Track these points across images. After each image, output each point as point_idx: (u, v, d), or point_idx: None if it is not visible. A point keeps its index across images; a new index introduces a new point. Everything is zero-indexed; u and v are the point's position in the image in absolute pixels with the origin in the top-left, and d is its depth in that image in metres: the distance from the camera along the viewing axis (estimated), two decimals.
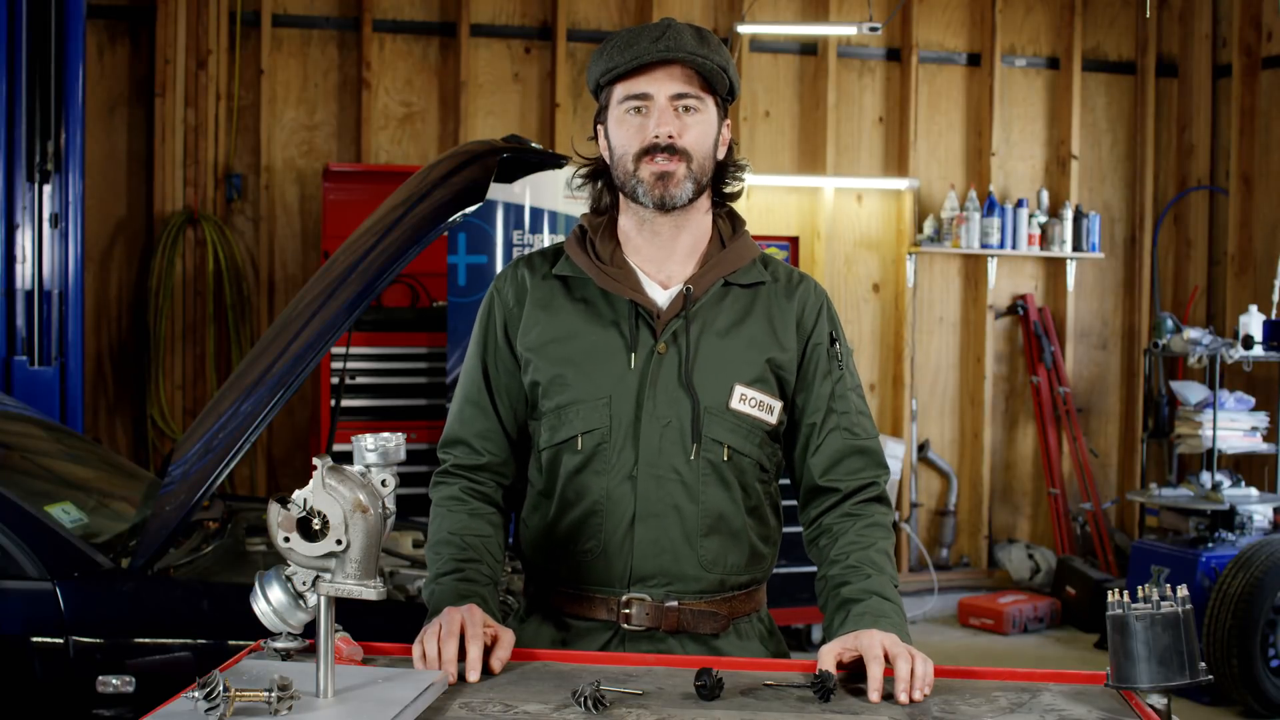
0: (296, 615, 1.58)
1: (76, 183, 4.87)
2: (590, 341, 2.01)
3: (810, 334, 2.07)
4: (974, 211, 6.96)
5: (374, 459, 1.59)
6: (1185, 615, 1.57)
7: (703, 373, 1.99)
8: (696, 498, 1.97)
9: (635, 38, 1.96)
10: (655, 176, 1.96)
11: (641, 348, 1.99)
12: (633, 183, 1.99)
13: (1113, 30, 7.45)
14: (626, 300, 2.01)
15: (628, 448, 1.97)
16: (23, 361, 4.77)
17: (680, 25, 1.98)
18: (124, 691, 2.64)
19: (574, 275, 2.06)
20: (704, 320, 2.02)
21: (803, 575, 6.17)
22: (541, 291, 2.06)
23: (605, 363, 1.99)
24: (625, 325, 2.00)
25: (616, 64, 1.96)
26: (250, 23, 6.25)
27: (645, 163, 1.97)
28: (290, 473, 6.31)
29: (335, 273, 3.05)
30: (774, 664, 1.79)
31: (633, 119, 1.98)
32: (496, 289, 2.11)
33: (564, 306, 2.04)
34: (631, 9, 6.77)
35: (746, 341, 2.02)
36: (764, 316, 2.05)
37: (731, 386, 1.99)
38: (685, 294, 2.02)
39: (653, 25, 1.98)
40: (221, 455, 2.84)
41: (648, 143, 1.96)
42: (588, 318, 2.02)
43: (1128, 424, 7.47)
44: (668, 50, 1.93)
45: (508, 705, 1.60)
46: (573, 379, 1.99)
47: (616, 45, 1.98)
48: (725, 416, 1.99)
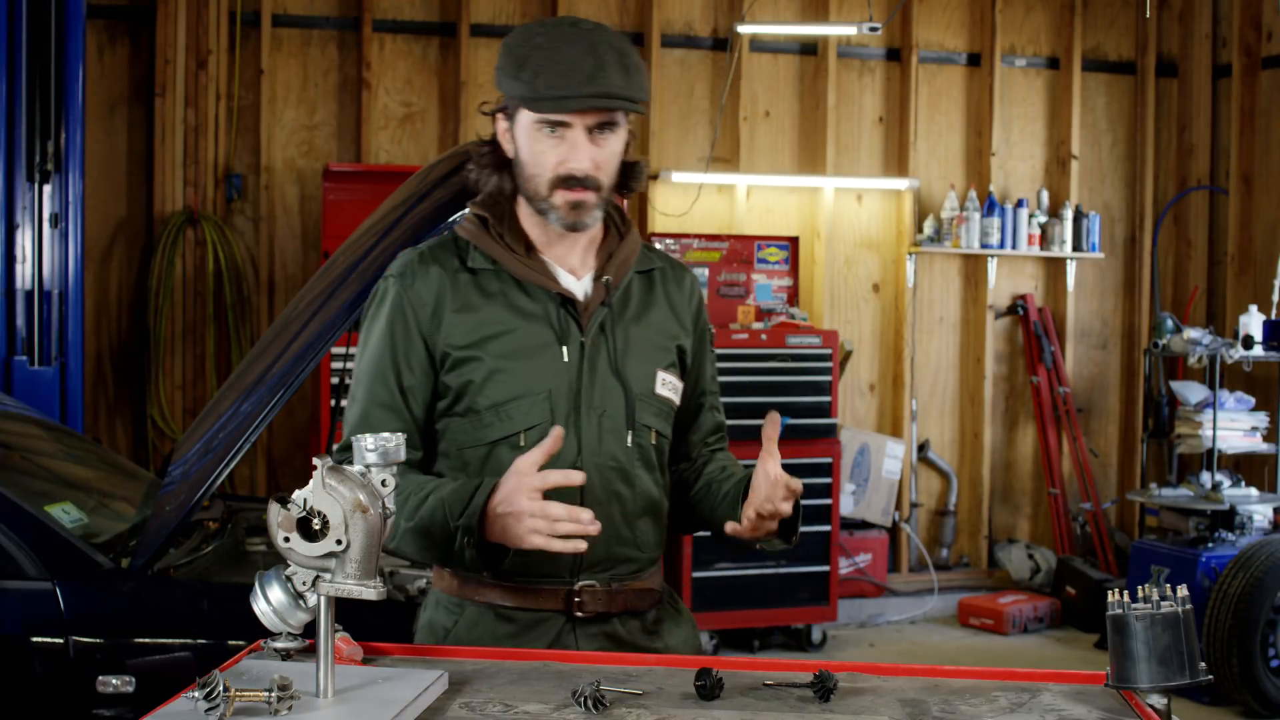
0: (296, 615, 1.58)
1: (76, 183, 4.87)
2: (521, 336, 2.01)
3: (697, 321, 2.18)
4: (974, 211, 6.96)
5: (374, 459, 1.59)
6: (1185, 615, 1.57)
7: (629, 360, 2.05)
8: (632, 483, 2.04)
9: (561, 74, 1.89)
10: (569, 205, 1.97)
11: (571, 339, 2.02)
12: (543, 204, 1.99)
13: (1113, 30, 7.45)
14: (546, 292, 2.02)
15: (570, 439, 1.99)
16: (23, 361, 4.77)
17: (607, 56, 1.91)
18: (124, 691, 2.64)
19: (487, 268, 2.04)
20: (621, 309, 2.07)
21: (803, 575, 6.21)
22: (459, 287, 2.02)
23: (538, 356, 2.00)
24: (552, 317, 2.02)
25: (541, 98, 1.91)
26: (250, 23, 6.25)
27: (560, 191, 1.96)
28: (290, 473, 6.31)
29: (335, 273, 3.05)
30: (774, 664, 1.79)
31: (547, 140, 1.95)
32: (403, 286, 2.02)
33: (485, 302, 2.02)
34: (631, 9, 6.77)
35: (657, 328, 2.11)
36: (665, 302, 2.14)
37: (654, 372, 2.07)
38: (606, 285, 2.05)
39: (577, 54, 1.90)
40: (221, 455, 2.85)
41: (564, 173, 1.95)
42: (513, 312, 2.02)
43: (1128, 424, 7.47)
44: (598, 99, 1.90)
45: (508, 705, 1.60)
46: (510, 375, 1.99)
47: (540, 78, 1.90)
48: (652, 401, 2.07)
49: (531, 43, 1.94)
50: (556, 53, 1.91)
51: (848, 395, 6.97)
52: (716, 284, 6.66)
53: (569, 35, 1.93)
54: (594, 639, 2.01)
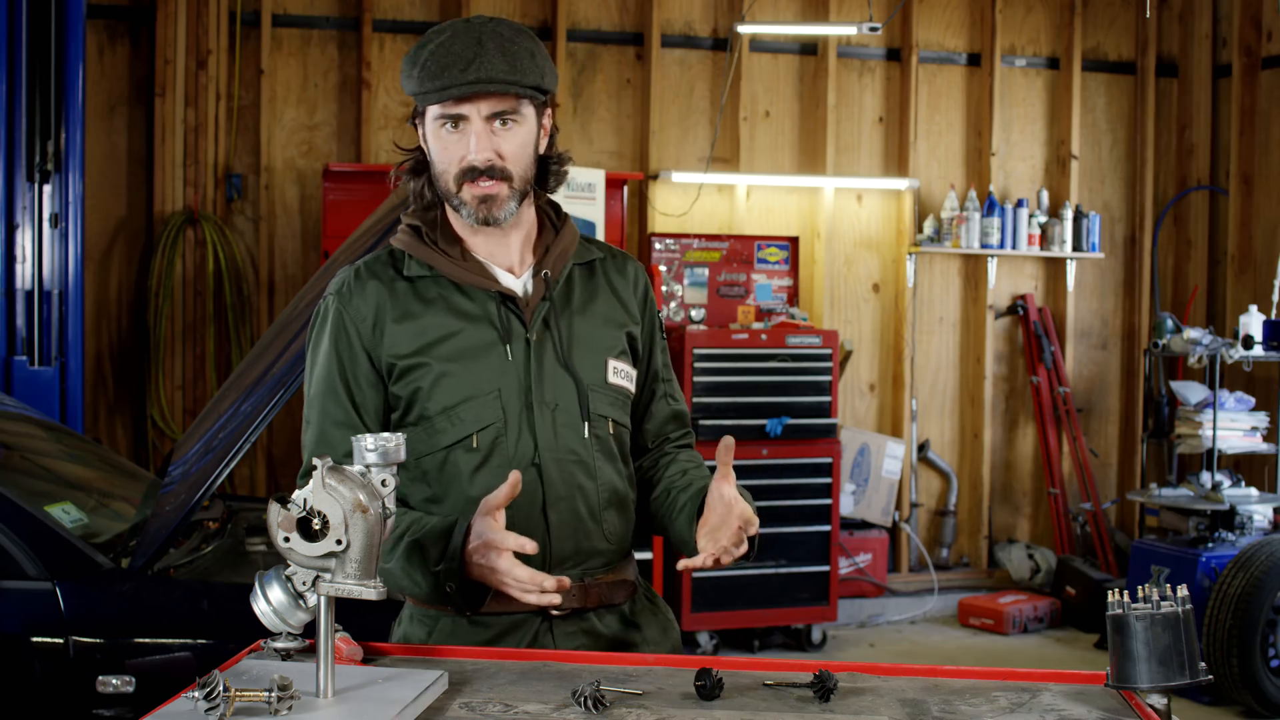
0: (296, 615, 1.58)
1: (76, 183, 4.87)
2: (465, 338, 2.00)
3: (645, 308, 2.18)
4: (974, 211, 6.96)
5: (374, 459, 1.59)
6: (1185, 615, 1.57)
7: (577, 352, 2.05)
8: (594, 474, 2.04)
9: (444, 65, 1.90)
10: (478, 200, 1.97)
11: (515, 337, 2.01)
12: (455, 201, 1.99)
13: (1113, 30, 7.45)
14: (486, 292, 2.02)
15: (525, 436, 1.99)
16: (23, 361, 4.77)
17: (489, 44, 1.91)
18: (124, 691, 2.64)
19: (424, 275, 2.03)
20: (564, 302, 2.07)
21: (803, 575, 6.21)
22: (397, 298, 2.01)
23: (484, 356, 1.99)
24: (494, 317, 2.01)
25: (426, 90, 1.92)
26: (250, 23, 6.25)
27: (467, 185, 1.96)
28: (290, 473, 6.31)
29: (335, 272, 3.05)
30: (774, 664, 1.79)
31: (449, 135, 1.95)
32: (341, 304, 2.02)
33: (425, 309, 2.01)
34: (631, 9, 6.77)
35: (603, 317, 2.10)
36: (609, 292, 2.13)
37: (605, 361, 2.07)
38: (545, 280, 2.05)
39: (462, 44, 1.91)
40: (221, 455, 2.85)
41: (465, 165, 1.95)
42: (454, 315, 2.01)
43: (1128, 424, 7.47)
44: (476, 84, 1.90)
45: (508, 705, 1.60)
46: (457, 378, 1.98)
47: (426, 71, 1.92)
48: (605, 391, 2.06)
49: (426, 42, 1.95)
50: (442, 47, 1.92)
51: (848, 395, 6.97)
52: (716, 284, 6.66)
53: (458, 29, 1.94)
54: (571, 636, 2.00)
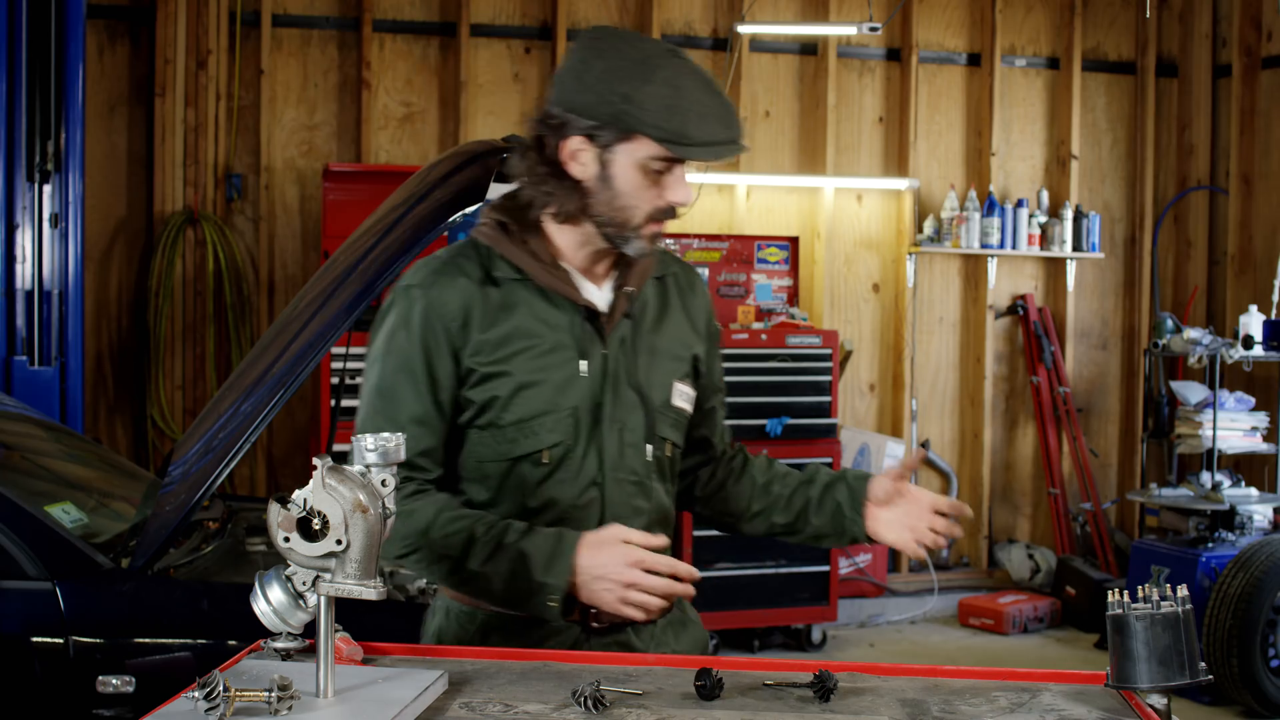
0: (296, 615, 1.58)
1: (76, 183, 4.87)
2: (545, 350, 1.96)
3: (709, 323, 2.17)
4: (974, 211, 6.96)
5: (374, 459, 1.59)
6: (1185, 615, 1.57)
7: (648, 373, 2.03)
8: (649, 495, 2.04)
9: (702, 115, 1.85)
10: (653, 237, 1.96)
11: (593, 353, 1.98)
12: (626, 234, 1.94)
13: (1113, 30, 7.45)
14: (569, 304, 1.98)
15: (591, 454, 1.97)
16: (23, 361, 4.77)
17: (724, 98, 1.89)
18: (124, 691, 2.64)
19: (511, 278, 1.98)
20: (639, 319, 2.05)
21: (803, 575, 6.20)
22: (486, 300, 1.96)
23: (562, 370, 1.96)
24: (575, 330, 1.98)
25: (693, 141, 1.85)
26: (250, 23, 6.25)
27: (652, 225, 1.94)
28: (290, 473, 6.31)
29: (335, 273, 3.05)
30: (774, 664, 1.79)
31: (654, 178, 1.90)
32: (428, 298, 1.95)
33: (509, 315, 1.97)
34: (631, 9, 6.77)
35: (673, 337, 2.09)
36: (680, 309, 2.12)
37: (671, 384, 2.06)
38: (629, 296, 2.02)
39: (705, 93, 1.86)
40: (221, 455, 2.85)
41: (667, 206, 1.92)
42: (538, 324, 1.97)
43: (1128, 424, 7.47)
44: (735, 146, 1.88)
45: (508, 705, 1.60)
46: (536, 391, 1.95)
47: (692, 118, 1.84)
48: (669, 413, 2.05)
49: (659, 77, 1.86)
50: (690, 95, 1.85)
51: (848, 395, 6.97)
52: (716, 284, 6.66)
53: (685, 71, 1.87)
54: (607, 648, 1.99)
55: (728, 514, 2.22)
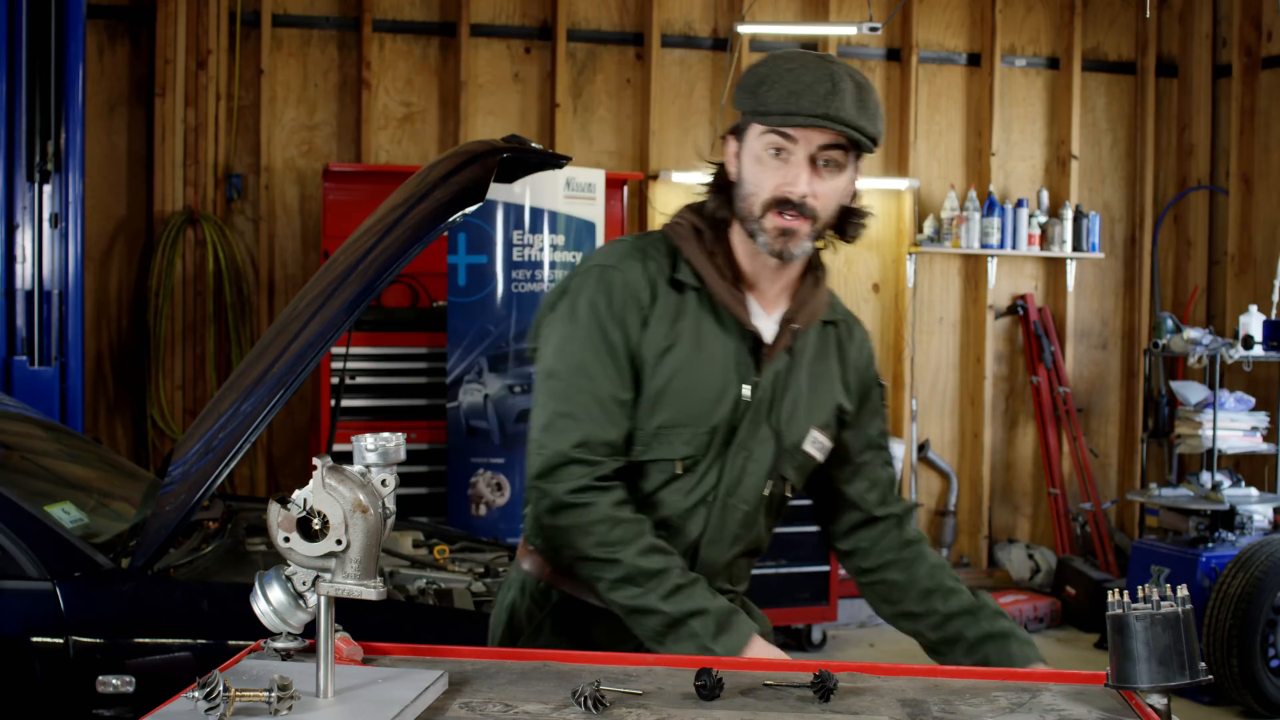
0: (296, 615, 1.58)
1: (76, 183, 4.87)
2: (703, 364, 1.96)
3: (866, 377, 2.14)
4: (974, 211, 6.96)
5: (374, 459, 1.59)
6: (1185, 615, 1.57)
7: (788, 411, 2.02)
8: (751, 527, 2.04)
9: (794, 91, 1.86)
10: (779, 231, 1.92)
11: (745, 379, 1.99)
12: (754, 226, 1.94)
13: (1113, 30, 7.45)
14: (737, 326, 1.98)
15: (711, 473, 1.99)
16: (23, 361, 4.77)
17: (844, 85, 1.88)
18: (124, 691, 2.64)
19: (691, 285, 1.98)
20: (798, 358, 2.04)
21: (803, 575, 6.20)
22: (667, 296, 1.97)
23: (715, 387, 1.96)
24: (735, 354, 1.98)
25: (770, 111, 1.88)
26: (250, 23, 6.25)
27: (773, 214, 1.92)
28: (290, 473, 6.31)
29: (335, 273, 3.05)
30: (774, 664, 1.79)
31: (770, 161, 1.91)
32: (626, 281, 1.95)
33: (679, 321, 1.96)
34: (631, 9, 6.77)
35: (824, 383, 2.07)
36: (836, 358, 2.10)
37: (808, 429, 2.05)
38: (793, 331, 2.02)
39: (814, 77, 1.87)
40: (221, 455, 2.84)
41: (780, 195, 1.91)
42: (702, 337, 1.97)
43: (1128, 424, 7.47)
44: (826, 119, 1.86)
45: (508, 705, 1.60)
46: (683, 401, 1.95)
47: (778, 90, 1.88)
48: (797, 455, 2.05)
49: (776, 65, 1.91)
50: (794, 74, 1.88)
51: None
52: None
53: (813, 62, 1.90)
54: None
55: (883, 600, 2.17)
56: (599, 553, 1.89)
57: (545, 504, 1.93)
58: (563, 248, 5.45)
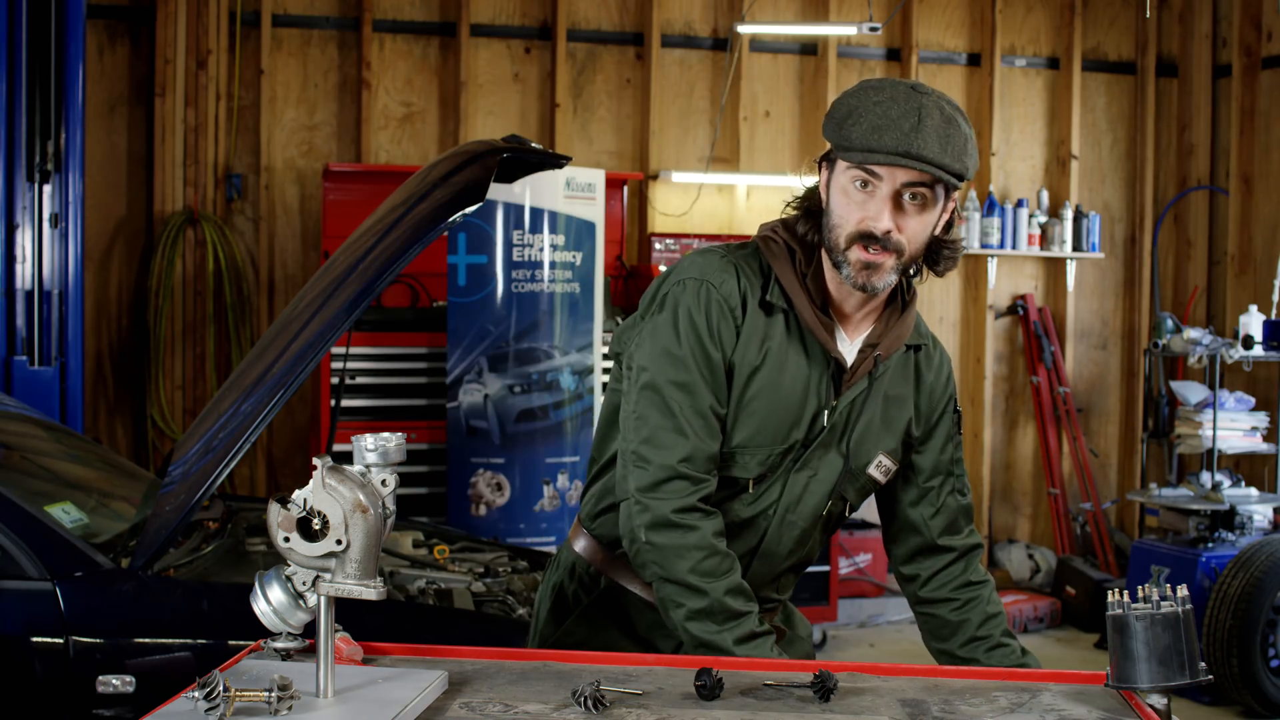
0: (296, 615, 1.58)
1: (76, 183, 4.87)
2: (784, 386, 1.96)
3: (941, 400, 2.11)
4: (974, 211, 6.96)
5: (374, 459, 1.59)
6: (1185, 615, 1.57)
7: (859, 435, 2.02)
8: (806, 542, 2.06)
9: (878, 127, 1.85)
10: (862, 265, 1.90)
11: (824, 403, 1.98)
12: (839, 257, 1.92)
13: (1113, 30, 7.45)
14: (823, 351, 1.97)
15: (774, 489, 2.00)
16: (23, 361, 4.77)
17: (929, 120, 1.84)
18: (124, 691, 2.64)
19: (780, 306, 1.97)
20: (876, 384, 2.03)
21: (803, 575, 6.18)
22: (756, 315, 1.96)
23: (794, 410, 1.96)
24: (819, 376, 1.98)
25: (852, 147, 1.87)
26: (250, 23, 6.25)
27: (857, 248, 1.90)
28: (290, 473, 6.31)
29: (335, 273, 3.05)
30: (774, 664, 1.79)
31: (855, 193, 1.89)
32: (722, 294, 1.94)
33: (766, 338, 1.96)
34: (631, 9, 6.77)
35: (897, 408, 2.05)
36: (914, 385, 2.08)
37: (876, 453, 2.05)
38: (876, 359, 2.00)
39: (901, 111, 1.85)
40: (221, 455, 2.84)
41: (864, 229, 1.89)
42: (786, 357, 1.96)
43: (1128, 424, 7.47)
44: (907, 157, 1.83)
45: (508, 705, 1.60)
46: (762, 422, 1.95)
47: (863, 125, 1.86)
48: (860, 478, 2.05)
49: (864, 97, 1.89)
50: (881, 107, 1.86)
51: None
52: None
53: (901, 94, 1.87)
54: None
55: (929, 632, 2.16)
56: (692, 579, 1.89)
57: (647, 518, 1.91)
58: (563, 248, 5.45)
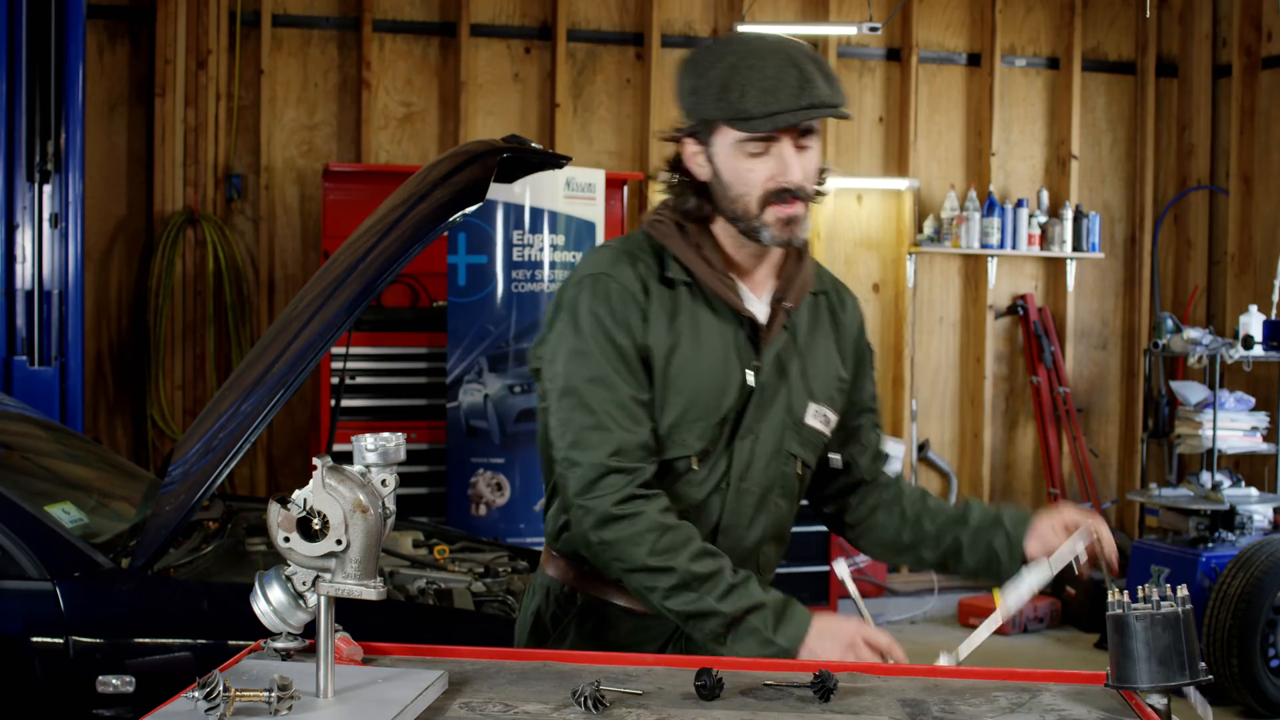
0: (296, 615, 1.58)
1: (76, 183, 4.87)
2: (704, 356, 1.96)
3: (859, 343, 2.15)
4: (974, 211, 6.96)
5: (374, 459, 1.59)
6: (1185, 615, 1.57)
7: (792, 389, 2.02)
8: (767, 509, 2.03)
9: (772, 86, 1.84)
10: (783, 221, 1.92)
11: (746, 364, 1.98)
12: (754, 224, 1.92)
13: (1113, 30, 7.45)
14: (732, 313, 1.98)
15: (722, 461, 1.98)
16: (23, 361, 4.77)
17: (809, 67, 1.86)
18: (124, 691, 2.64)
19: (682, 280, 1.97)
20: (793, 335, 2.04)
21: (802, 575, 6.20)
22: (661, 294, 1.96)
23: (719, 378, 1.96)
24: (734, 340, 1.98)
25: (753, 117, 1.85)
26: (250, 23, 6.25)
27: (773, 207, 1.91)
28: (290, 473, 6.31)
29: (335, 273, 3.05)
30: (774, 664, 1.79)
31: (753, 157, 1.90)
32: (621, 284, 1.94)
33: (675, 316, 1.96)
34: (631, 9, 6.76)
35: (821, 357, 2.07)
36: (830, 329, 2.10)
37: (808, 403, 2.04)
38: (786, 310, 2.01)
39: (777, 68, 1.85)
40: (221, 455, 2.84)
41: (777, 186, 1.90)
42: (700, 329, 1.97)
43: (1128, 424, 7.47)
44: (811, 109, 1.85)
45: (508, 705, 1.60)
46: (691, 396, 1.95)
47: (751, 93, 1.84)
48: (802, 431, 2.04)
49: (726, 63, 1.88)
50: (757, 70, 1.85)
51: None
52: None
53: (762, 49, 1.88)
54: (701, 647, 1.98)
55: (878, 544, 2.19)
56: (653, 561, 1.87)
57: (591, 519, 1.90)
58: (563, 248, 5.46)
